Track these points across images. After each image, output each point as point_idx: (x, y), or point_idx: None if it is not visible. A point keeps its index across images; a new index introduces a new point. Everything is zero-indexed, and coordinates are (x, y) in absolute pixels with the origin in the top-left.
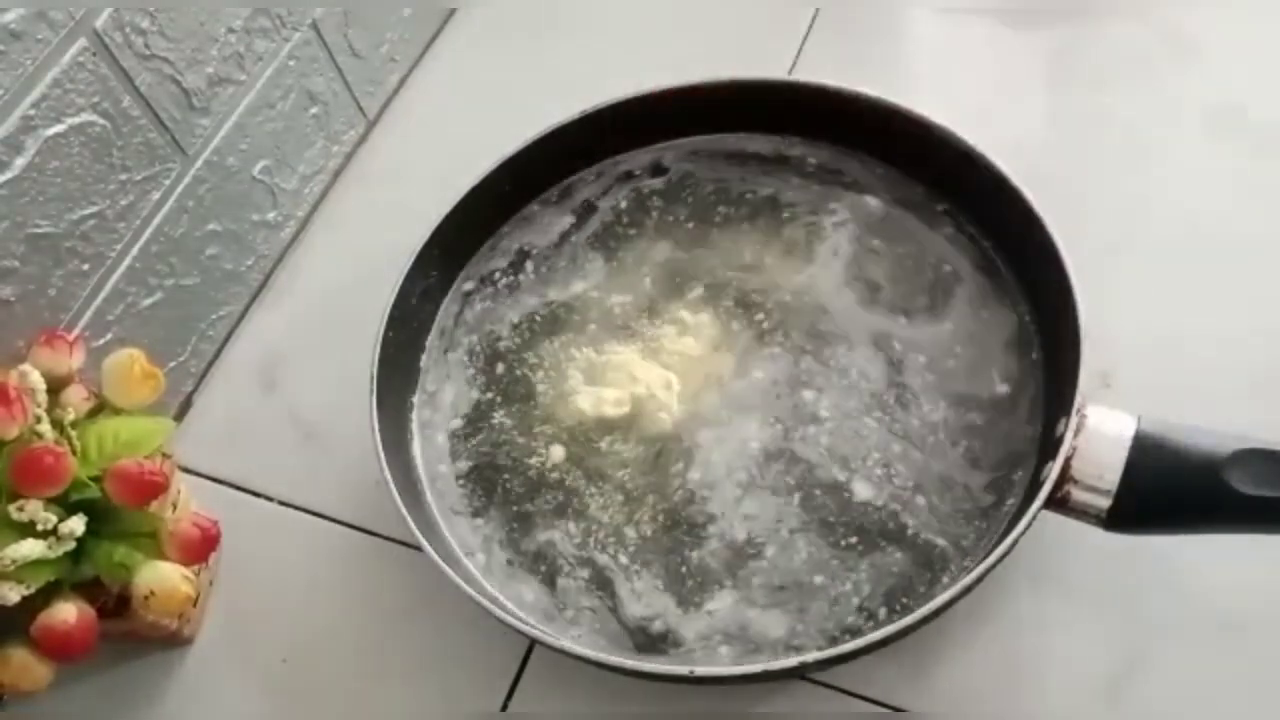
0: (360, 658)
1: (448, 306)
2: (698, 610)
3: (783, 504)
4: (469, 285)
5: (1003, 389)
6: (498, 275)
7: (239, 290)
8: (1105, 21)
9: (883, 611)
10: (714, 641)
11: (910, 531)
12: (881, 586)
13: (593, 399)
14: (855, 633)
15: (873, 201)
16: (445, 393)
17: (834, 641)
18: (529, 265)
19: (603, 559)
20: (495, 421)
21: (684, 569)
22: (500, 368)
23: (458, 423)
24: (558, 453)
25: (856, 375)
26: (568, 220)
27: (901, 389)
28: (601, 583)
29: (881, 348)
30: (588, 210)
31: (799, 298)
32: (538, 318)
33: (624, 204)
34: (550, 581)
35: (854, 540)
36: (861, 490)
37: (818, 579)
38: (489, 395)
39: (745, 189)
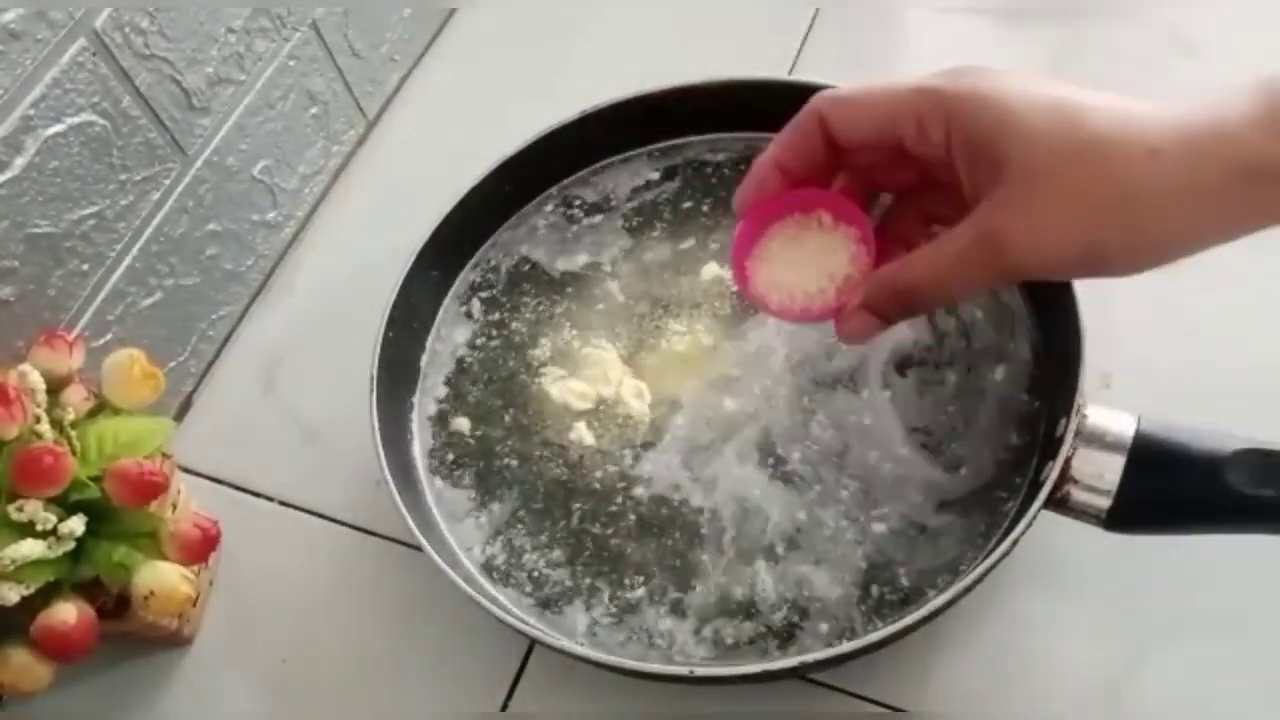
0: (360, 658)
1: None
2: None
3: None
4: (549, 205)
5: (879, 527)
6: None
7: (239, 290)
8: (1105, 21)
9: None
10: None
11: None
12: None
13: (562, 388)
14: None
15: (1000, 371)
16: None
17: (866, 588)
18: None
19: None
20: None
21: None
22: (487, 336)
23: (442, 393)
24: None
25: (829, 383)
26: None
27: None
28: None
29: (861, 383)
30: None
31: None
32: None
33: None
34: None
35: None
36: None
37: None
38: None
39: None
